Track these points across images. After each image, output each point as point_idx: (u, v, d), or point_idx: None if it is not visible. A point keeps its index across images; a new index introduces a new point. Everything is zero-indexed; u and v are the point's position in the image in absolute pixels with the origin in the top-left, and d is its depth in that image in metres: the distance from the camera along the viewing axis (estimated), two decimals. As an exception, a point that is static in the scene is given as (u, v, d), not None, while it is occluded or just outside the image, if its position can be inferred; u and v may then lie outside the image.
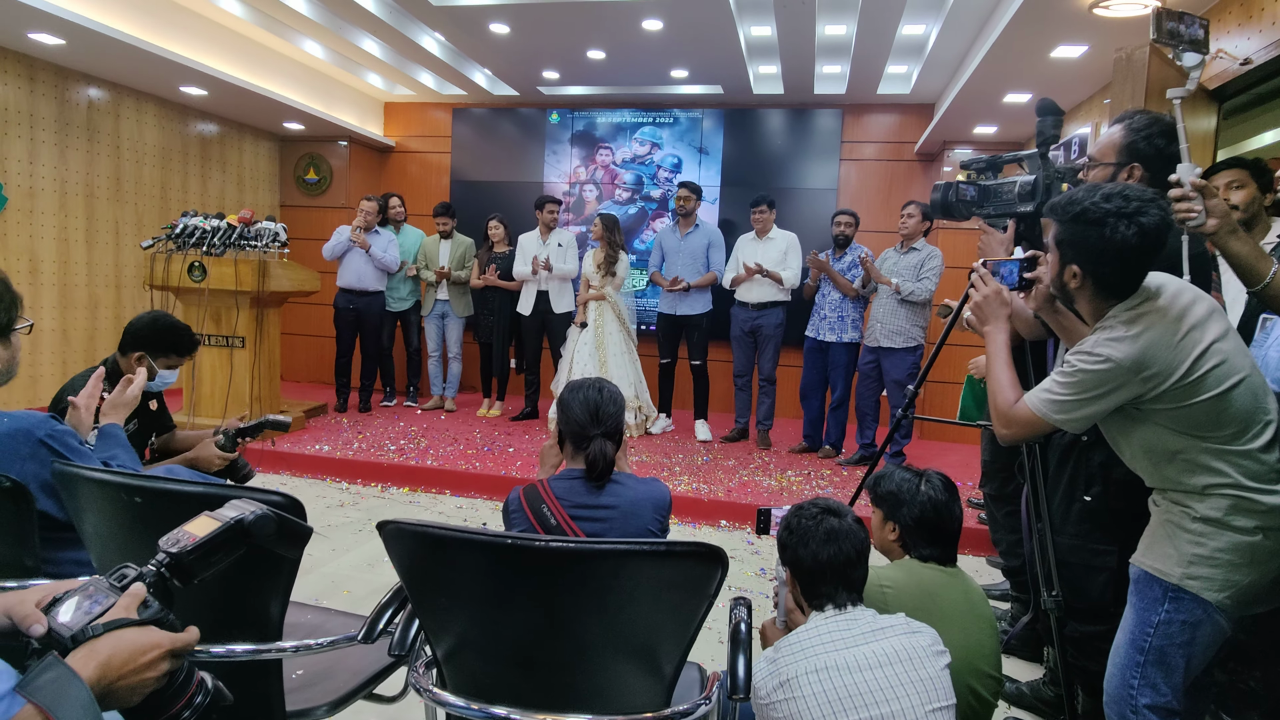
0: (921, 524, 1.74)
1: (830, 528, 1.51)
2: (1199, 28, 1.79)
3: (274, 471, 4.55)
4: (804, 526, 1.54)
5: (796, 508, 1.61)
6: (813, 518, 1.54)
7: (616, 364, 5.37)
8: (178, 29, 5.14)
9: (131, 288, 5.84)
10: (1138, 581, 1.60)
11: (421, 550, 1.15)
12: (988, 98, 4.91)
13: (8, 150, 4.93)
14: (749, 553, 3.71)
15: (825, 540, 1.50)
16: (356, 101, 7.13)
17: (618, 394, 1.79)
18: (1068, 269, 1.56)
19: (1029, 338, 2.09)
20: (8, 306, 1.44)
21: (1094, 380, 1.51)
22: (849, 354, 5.08)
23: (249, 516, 0.97)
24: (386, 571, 3.20)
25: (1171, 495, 1.55)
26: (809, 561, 1.51)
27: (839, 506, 1.57)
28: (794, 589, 1.58)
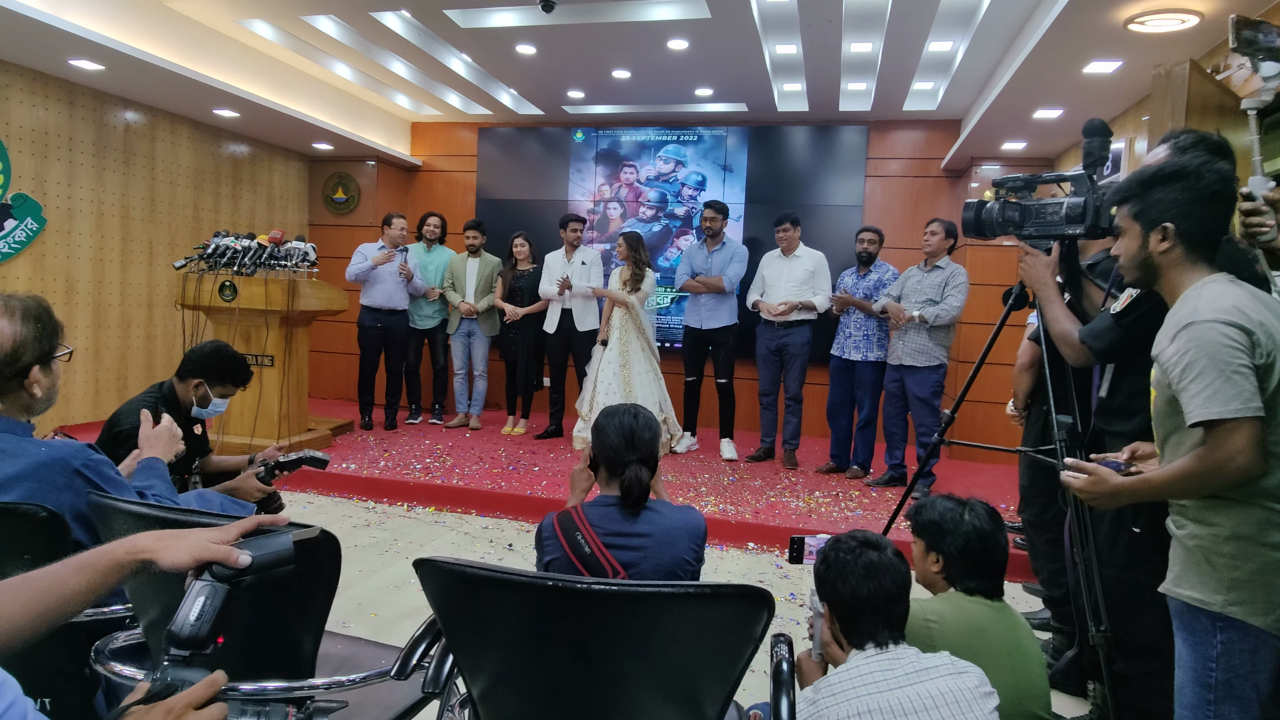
0: (967, 555, 1.68)
1: (870, 562, 1.47)
2: (1276, 36, 1.75)
3: (300, 490, 4.57)
4: (842, 560, 1.49)
5: (834, 540, 1.57)
6: (851, 551, 1.50)
7: (641, 382, 5.34)
8: (212, 53, 5.25)
9: (163, 307, 5.93)
10: (1181, 615, 1.53)
11: (459, 589, 1.12)
12: (1017, 114, 4.85)
13: (47, 173, 5.04)
14: (778, 576, 3.65)
15: (865, 575, 1.45)
16: (384, 122, 7.23)
17: (653, 420, 1.77)
18: (1153, 235, 1.52)
19: (1075, 364, 2.03)
20: (50, 334, 1.46)
21: None
22: (875, 372, 5.01)
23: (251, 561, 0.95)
24: (413, 594, 3.18)
25: (1193, 513, 1.49)
26: (848, 597, 1.46)
27: (878, 539, 1.53)
28: (832, 625, 1.53)
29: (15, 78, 4.80)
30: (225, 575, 0.93)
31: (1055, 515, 2.48)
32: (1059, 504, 2.34)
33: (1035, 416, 2.62)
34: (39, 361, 1.44)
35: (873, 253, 5.05)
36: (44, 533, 1.45)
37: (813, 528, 4.00)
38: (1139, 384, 1.89)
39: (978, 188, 6.11)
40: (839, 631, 1.52)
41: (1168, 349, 1.46)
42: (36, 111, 4.94)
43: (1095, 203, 1.96)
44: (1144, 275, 1.58)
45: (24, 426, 1.52)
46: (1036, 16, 3.95)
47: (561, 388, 5.98)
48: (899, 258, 6.22)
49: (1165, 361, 1.47)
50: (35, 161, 4.96)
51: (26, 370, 1.43)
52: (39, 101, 4.96)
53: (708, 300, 5.40)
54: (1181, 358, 1.42)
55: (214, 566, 0.94)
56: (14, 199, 4.83)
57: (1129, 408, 1.90)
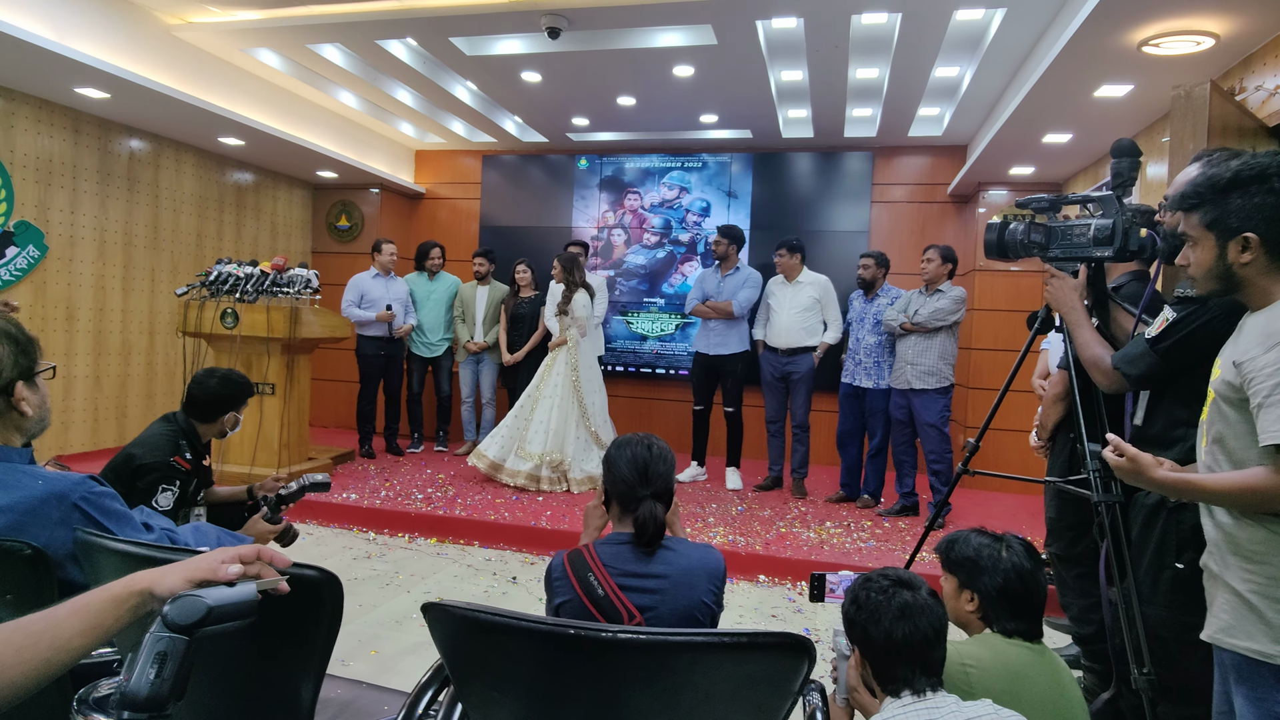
0: (1006, 595, 1.58)
1: (904, 603, 1.37)
2: None
3: (300, 520, 4.46)
4: (874, 601, 1.39)
5: (864, 579, 1.47)
6: (883, 591, 1.40)
7: (544, 409, 5.10)
8: (218, 82, 5.25)
9: (164, 334, 5.87)
10: (1238, 668, 1.42)
11: (471, 636, 1.03)
12: (1026, 138, 4.83)
13: (51, 200, 5.02)
14: (791, 611, 3.53)
15: (899, 617, 1.35)
16: (388, 150, 7.24)
17: (668, 452, 1.68)
18: (1233, 245, 1.42)
19: (1107, 390, 1.95)
20: (27, 351, 1.42)
21: None
22: (887, 400, 4.93)
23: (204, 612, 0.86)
24: (415, 630, 3.07)
25: (1248, 549, 1.38)
26: (881, 640, 1.36)
27: (912, 578, 1.43)
28: (863, 669, 1.43)
29: (21, 105, 4.80)
30: (180, 625, 0.84)
31: (1086, 549, 2.38)
32: (1091, 537, 2.24)
33: (1061, 446, 2.53)
34: (22, 377, 1.39)
35: (868, 278, 4.99)
36: (28, 571, 1.36)
37: (825, 559, 3.89)
38: (1177, 412, 1.81)
39: (985, 213, 6.08)
40: (870, 677, 1.42)
41: (1261, 357, 1.35)
42: (41, 139, 4.93)
43: (1124, 224, 1.89)
44: (1223, 286, 1.48)
45: (20, 453, 1.44)
46: (1046, 41, 3.94)
47: None
48: (905, 283, 6.15)
49: (1253, 369, 1.36)
50: (39, 189, 4.94)
51: (11, 387, 1.38)
52: (44, 129, 4.95)
53: (718, 326, 5.33)
54: (1276, 372, 1.32)
55: (167, 616, 0.85)
56: (16, 226, 4.80)
57: (1167, 437, 1.82)
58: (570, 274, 5.26)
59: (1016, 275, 5.85)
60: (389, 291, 5.85)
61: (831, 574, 1.90)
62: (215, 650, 1.20)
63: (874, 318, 4.96)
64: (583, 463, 5.14)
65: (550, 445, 5.02)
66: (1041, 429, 2.64)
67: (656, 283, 6.91)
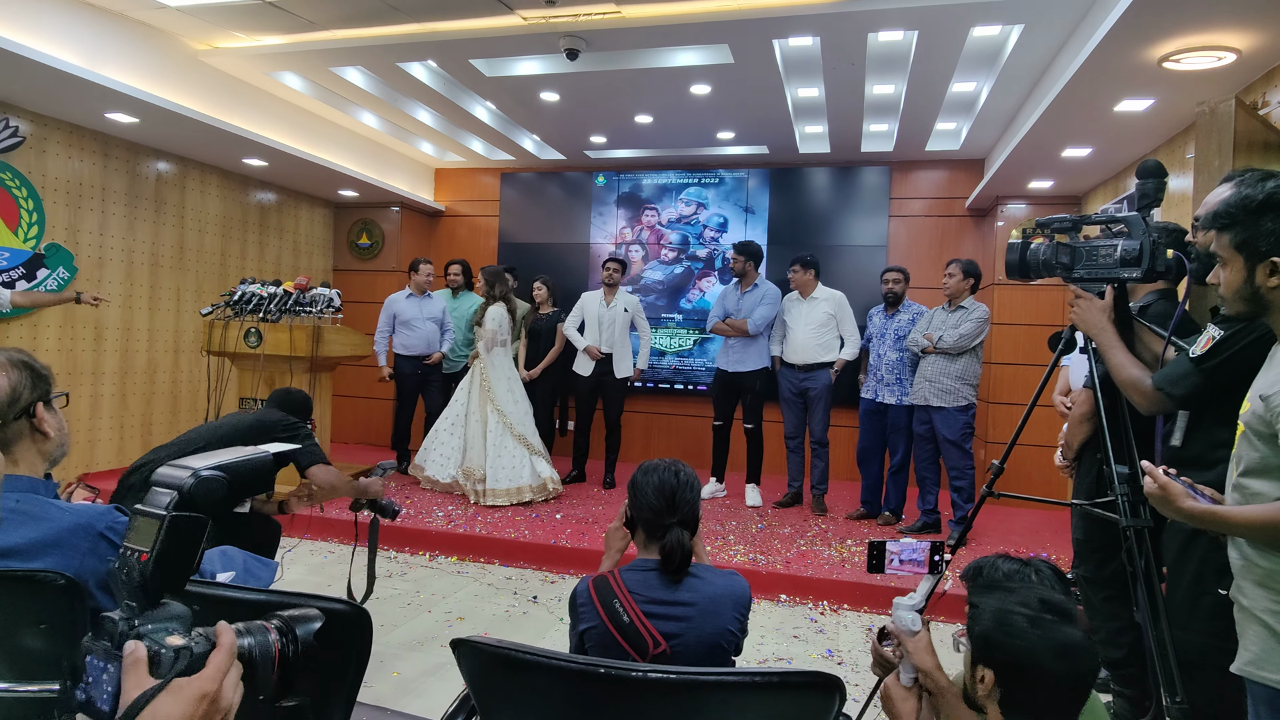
0: None
1: (1066, 642, 1.20)
2: None
3: (321, 539, 4.50)
4: (1029, 635, 1.21)
5: (1007, 595, 1.28)
6: (1039, 622, 1.21)
7: (453, 425, 5.24)
8: (242, 105, 5.36)
9: (189, 353, 5.96)
10: (1269, 702, 1.39)
11: (500, 673, 1.04)
12: (1045, 152, 4.80)
13: (80, 223, 5.13)
14: (813, 631, 3.50)
15: (1058, 656, 1.19)
16: (408, 168, 7.33)
17: (694, 479, 1.68)
18: (1261, 269, 1.39)
19: (1147, 412, 1.90)
20: (41, 377, 1.47)
21: None
22: (909, 416, 4.89)
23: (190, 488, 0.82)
24: (437, 651, 3.08)
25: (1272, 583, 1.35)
26: (1029, 672, 1.20)
27: (1065, 605, 1.24)
28: (981, 682, 1.32)
29: (53, 131, 4.92)
30: None
31: (1114, 572, 2.34)
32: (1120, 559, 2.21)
33: (1088, 466, 2.49)
34: (40, 399, 1.45)
35: (898, 292, 4.97)
36: (62, 600, 1.38)
37: (846, 578, 3.86)
38: (1219, 433, 1.78)
39: (1003, 226, 6.04)
40: (993, 696, 1.31)
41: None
42: (72, 163, 5.05)
43: (1152, 245, 1.87)
44: (1251, 309, 1.46)
45: (47, 485, 1.48)
46: (1065, 56, 3.92)
47: (588, 432, 5.90)
48: (925, 298, 6.12)
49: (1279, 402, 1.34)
50: (69, 212, 5.05)
51: (32, 409, 1.43)
52: (74, 153, 5.06)
53: (737, 343, 5.32)
54: None
55: None
56: (47, 249, 4.91)
57: (1208, 458, 1.78)
58: (491, 288, 5.33)
59: (1036, 289, 5.80)
60: (423, 311, 5.82)
61: (892, 542, 1.82)
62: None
63: (895, 333, 4.93)
64: (518, 472, 5.13)
65: (475, 459, 5.11)
66: (1067, 448, 2.60)
67: (674, 298, 6.93)
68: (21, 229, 4.76)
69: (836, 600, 3.80)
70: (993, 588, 1.49)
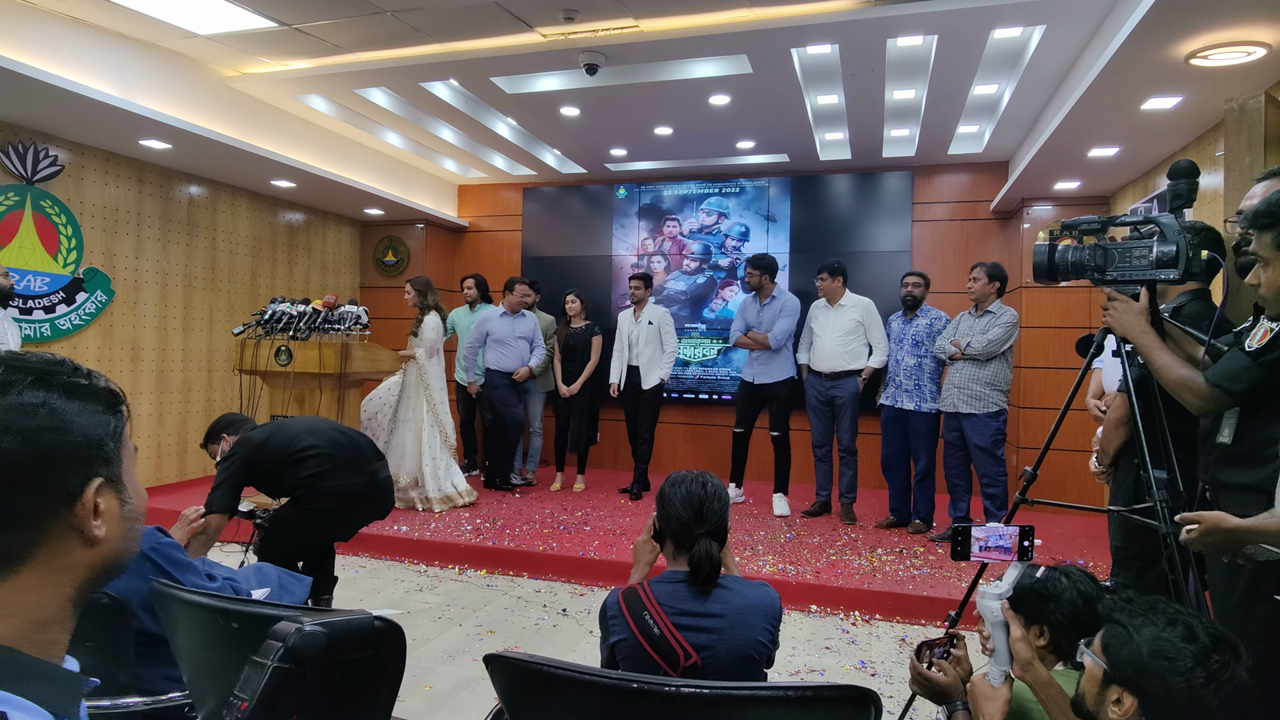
0: (1075, 620, 1.53)
1: (1239, 687, 1.09)
2: None
3: (353, 553, 4.55)
4: (1184, 666, 1.11)
5: (1158, 621, 1.18)
6: (1209, 666, 1.11)
7: (404, 432, 5.26)
8: (271, 128, 5.48)
9: (222, 372, 6.08)
10: None
11: (533, 688, 1.04)
12: (1071, 153, 4.74)
13: (117, 247, 5.27)
14: (845, 642, 3.46)
15: (1228, 700, 1.09)
16: (432, 186, 7.43)
17: (722, 490, 1.68)
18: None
19: (1201, 412, 1.85)
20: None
21: None
22: (930, 423, 4.84)
23: (293, 643, 0.88)
24: (468, 664, 3.09)
25: None
26: (1188, 714, 1.11)
27: (1233, 643, 1.15)
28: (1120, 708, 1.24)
29: (90, 159, 5.07)
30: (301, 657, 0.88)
31: (1155, 579, 2.28)
32: (1159, 566, 2.16)
33: (1125, 471, 2.44)
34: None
35: (918, 296, 4.93)
36: (107, 619, 1.42)
37: (878, 587, 3.82)
38: (1274, 429, 1.73)
39: (1029, 228, 5.97)
40: None
41: None
42: (108, 189, 5.20)
43: (1188, 247, 1.84)
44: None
45: None
46: (1089, 56, 3.88)
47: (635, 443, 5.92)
48: (950, 302, 6.08)
49: None
50: (106, 236, 5.19)
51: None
52: (110, 180, 5.21)
53: (761, 355, 5.31)
54: None
55: None
56: (86, 273, 5.05)
57: (1260, 454, 1.73)
58: (424, 297, 5.37)
59: (1065, 291, 5.72)
60: (515, 329, 5.74)
61: (978, 527, 1.78)
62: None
63: (912, 339, 4.89)
64: (450, 480, 5.29)
65: (410, 467, 5.19)
66: (1102, 454, 2.55)
67: (697, 308, 6.93)
68: (61, 254, 4.90)
69: (868, 610, 3.76)
70: (1146, 610, 1.29)
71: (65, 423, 0.67)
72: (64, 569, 0.67)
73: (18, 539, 0.64)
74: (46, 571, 0.66)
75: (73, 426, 0.67)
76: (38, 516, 0.65)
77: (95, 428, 0.69)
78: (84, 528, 0.67)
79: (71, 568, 0.67)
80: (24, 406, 0.65)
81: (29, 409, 0.65)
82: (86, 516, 0.67)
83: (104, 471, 0.69)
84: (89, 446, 0.68)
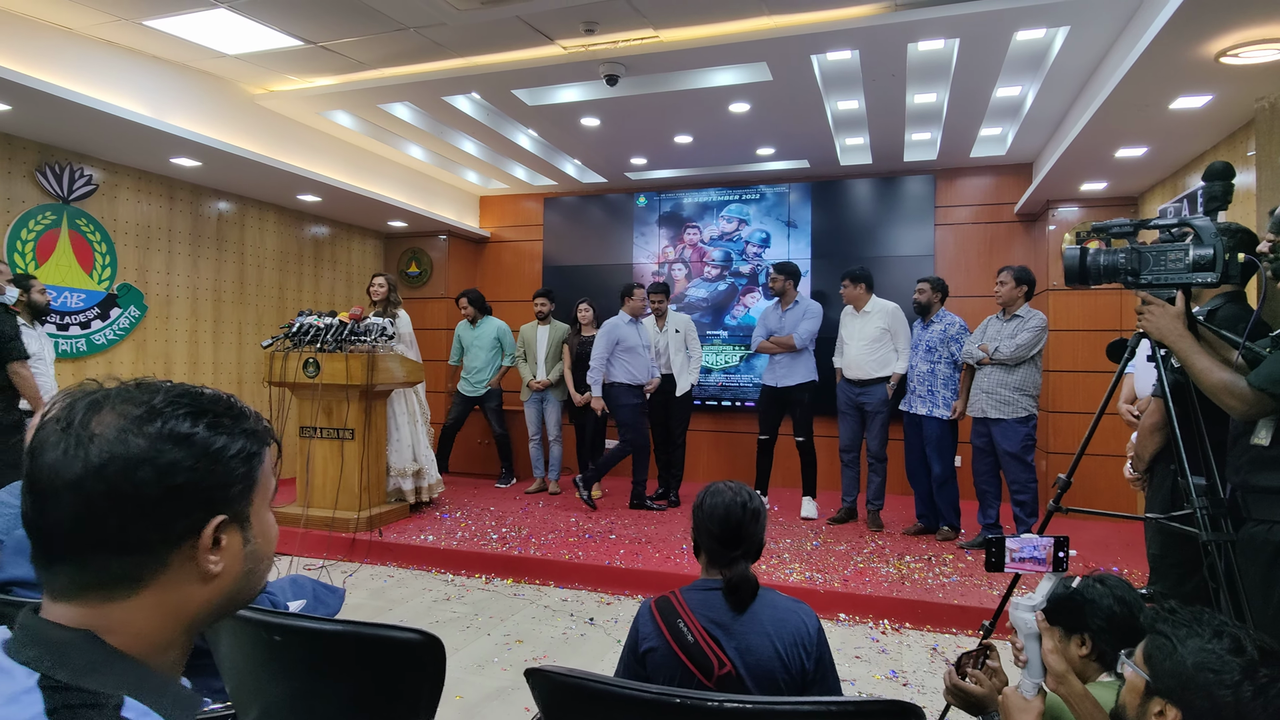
0: (1114, 625, 1.51)
1: None
2: None
3: (380, 563, 4.59)
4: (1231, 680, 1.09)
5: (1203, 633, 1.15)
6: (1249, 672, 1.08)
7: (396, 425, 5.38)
8: (297, 144, 5.58)
9: (252, 384, 6.18)
10: None
11: (576, 704, 1.05)
12: (1098, 154, 4.68)
13: (149, 263, 5.38)
14: (875, 651, 3.43)
15: (1265, 703, 1.06)
16: (454, 197, 7.51)
17: (761, 508, 1.67)
18: None
19: (1243, 416, 1.82)
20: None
21: None
22: (942, 428, 4.79)
23: None
24: (498, 674, 3.11)
25: None
26: (1229, 715, 1.09)
27: (1275, 650, 1.12)
28: None
29: (123, 178, 5.19)
30: None
31: (1194, 587, 2.24)
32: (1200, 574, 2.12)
33: (1161, 478, 2.40)
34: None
35: (922, 303, 4.89)
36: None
37: (907, 595, 3.78)
38: None
39: (1055, 230, 5.90)
40: None
41: None
42: (141, 207, 5.31)
43: (1224, 249, 1.81)
44: None
45: None
46: (1115, 56, 3.84)
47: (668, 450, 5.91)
48: (975, 306, 6.02)
49: None
50: (139, 253, 5.31)
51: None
52: (143, 198, 5.33)
53: (783, 359, 5.30)
54: None
55: None
56: (120, 289, 5.16)
57: None
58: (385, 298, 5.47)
59: (1093, 294, 5.64)
60: (641, 336, 5.57)
61: (1012, 539, 1.77)
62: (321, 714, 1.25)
63: (926, 344, 4.86)
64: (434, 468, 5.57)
65: (410, 457, 5.35)
66: (1137, 460, 2.52)
67: (719, 315, 6.93)
68: (96, 271, 5.01)
69: (898, 619, 3.72)
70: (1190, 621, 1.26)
71: (201, 459, 0.68)
72: (180, 599, 0.69)
73: (139, 564, 0.67)
74: (164, 598, 0.68)
75: (207, 464, 0.69)
76: (158, 546, 0.67)
77: (230, 467, 0.71)
78: (201, 562, 0.69)
79: (187, 599, 0.69)
80: (169, 436, 0.67)
81: (172, 440, 0.67)
82: (204, 552, 0.69)
83: (229, 510, 0.71)
84: (218, 485, 0.70)
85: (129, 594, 0.67)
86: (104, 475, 0.64)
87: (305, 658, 1.13)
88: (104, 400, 0.68)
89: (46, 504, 0.65)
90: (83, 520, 0.64)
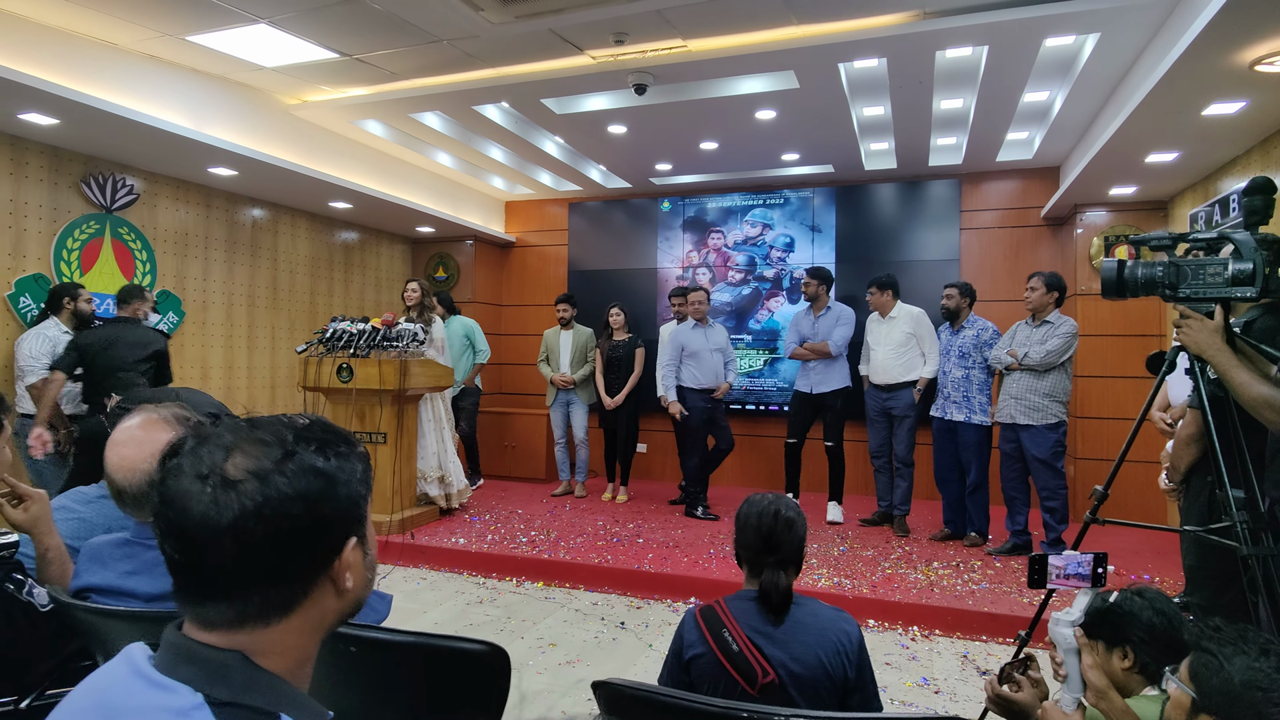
0: (1155, 636, 1.53)
1: None
2: None
3: (413, 565, 4.67)
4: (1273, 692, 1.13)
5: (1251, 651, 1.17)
6: None
7: (423, 432, 5.45)
8: (329, 152, 5.68)
9: (285, 388, 6.30)
10: None
11: (639, 714, 1.10)
12: (1127, 159, 4.66)
13: (186, 270, 5.51)
14: (905, 658, 3.45)
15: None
16: (480, 203, 7.60)
17: (796, 519, 1.71)
18: None
19: None
20: None
21: None
22: (979, 434, 4.78)
23: None
24: (533, 678, 3.16)
25: None
26: None
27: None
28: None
29: (163, 187, 5.32)
30: None
31: (1232, 599, 2.25)
32: (1238, 586, 2.12)
33: (1197, 489, 2.40)
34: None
35: (950, 309, 4.90)
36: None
37: (936, 602, 3.79)
38: None
39: (1083, 234, 5.87)
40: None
41: None
42: (179, 215, 5.44)
43: (1264, 264, 1.82)
44: None
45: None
46: (1146, 62, 3.82)
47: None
48: (1001, 310, 6.00)
49: None
50: (176, 260, 5.44)
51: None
52: (181, 206, 5.46)
53: (818, 365, 5.32)
54: None
55: None
56: (159, 295, 5.29)
57: None
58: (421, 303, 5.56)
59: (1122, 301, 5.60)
60: (709, 341, 5.55)
61: (1055, 556, 1.80)
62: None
63: (959, 350, 4.86)
64: (460, 474, 5.61)
65: (436, 464, 5.42)
66: (1173, 470, 2.51)
67: (743, 319, 6.95)
68: (137, 278, 5.14)
69: (927, 625, 3.73)
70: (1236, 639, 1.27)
71: (337, 489, 0.75)
72: (320, 615, 0.76)
73: (291, 592, 0.73)
74: (308, 616, 0.75)
75: (341, 492, 0.75)
76: (307, 573, 0.74)
77: (356, 489, 0.77)
78: (338, 580, 0.76)
79: (325, 613, 0.76)
80: (309, 471, 0.73)
81: (313, 474, 0.73)
82: (343, 571, 0.76)
83: (358, 530, 0.77)
84: (352, 507, 0.76)
85: (282, 618, 0.73)
86: (262, 516, 0.69)
87: (375, 668, 1.19)
88: (229, 444, 0.73)
89: (206, 551, 0.69)
90: (245, 561, 0.70)
